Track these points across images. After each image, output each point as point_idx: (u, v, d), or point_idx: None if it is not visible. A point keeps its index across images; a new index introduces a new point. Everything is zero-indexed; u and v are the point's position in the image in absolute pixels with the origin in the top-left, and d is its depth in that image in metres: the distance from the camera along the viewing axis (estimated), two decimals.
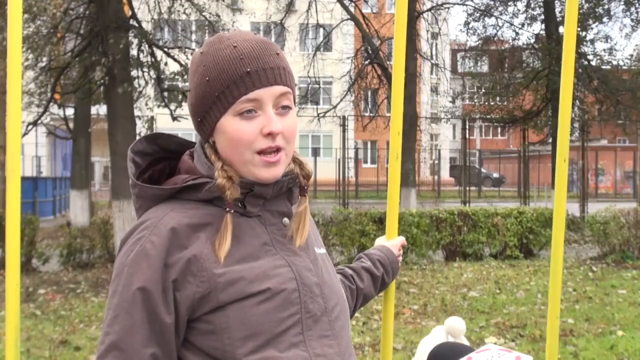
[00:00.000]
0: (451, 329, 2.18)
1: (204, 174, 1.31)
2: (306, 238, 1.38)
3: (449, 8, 19.71)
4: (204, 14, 12.46)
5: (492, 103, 21.23)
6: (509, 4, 19.68)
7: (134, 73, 10.89)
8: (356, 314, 6.67)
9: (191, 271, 1.22)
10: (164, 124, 14.29)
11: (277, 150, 1.28)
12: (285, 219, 1.35)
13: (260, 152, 1.27)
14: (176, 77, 12.11)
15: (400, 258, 1.87)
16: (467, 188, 20.77)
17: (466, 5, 19.45)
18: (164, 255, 1.22)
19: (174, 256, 1.22)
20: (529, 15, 19.54)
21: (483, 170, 37.34)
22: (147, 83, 11.77)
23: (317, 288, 1.32)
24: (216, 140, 1.31)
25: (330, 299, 1.34)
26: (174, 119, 11.53)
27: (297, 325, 1.26)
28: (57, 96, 12.86)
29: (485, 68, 22.27)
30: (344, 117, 19.35)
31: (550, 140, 18.35)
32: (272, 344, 1.23)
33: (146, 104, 12.65)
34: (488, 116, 21.51)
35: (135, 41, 10.73)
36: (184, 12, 12.50)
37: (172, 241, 1.23)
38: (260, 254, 1.29)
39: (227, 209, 1.27)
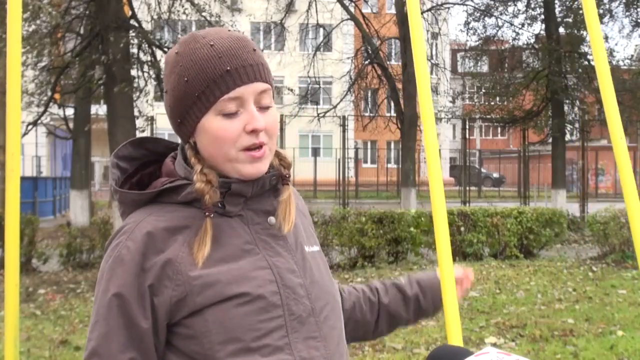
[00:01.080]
0: None
1: (182, 176, 1.30)
2: (296, 236, 1.37)
3: (449, 8, 19.73)
4: (203, 14, 12.46)
5: (492, 103, 21.25)
6: (509, 4, 19.69)
7: (133, 72, 10.89)
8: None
9: (167, 275, 1.21)
10: (164, 124, 14.25)
11: (261, 145, 1.27)
12: (271, 218, 1.33)
13: (245, 149, 1.26)
14: None
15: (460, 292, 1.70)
16: (467, 188, 20.76)
17: (466, 5, 19.47)
18: (140, 260, 1.22)
19: (150, 260, 1.22)
20: (529, 15, 19.56)
21: (483, 170, 37.34)
22: (146, 83, 11.78)
23: (302, 289, 1.30)
24: (197, 140, 1.29)
25: (319, 299, 1.32)
26: None
27: (281, 329, 1.24)
28: (57, 96, 12.86)
29: (485, 68, 22.28)
30: (344, 117, 19.36)
31: (550, 140, 18.36)
32: (255, 349, 1.21)
33: (147, 101, 12.64)
34: (488, 116, 21.52)
35: (135, 41, 10.74)
36: (184, 13, 12.51)
37: (148, 245, 1.22)
38: (241, 254, 1.27)
39: (207, 214, 1.25)
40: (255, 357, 1.21)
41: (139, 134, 10.84)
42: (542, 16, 18.38)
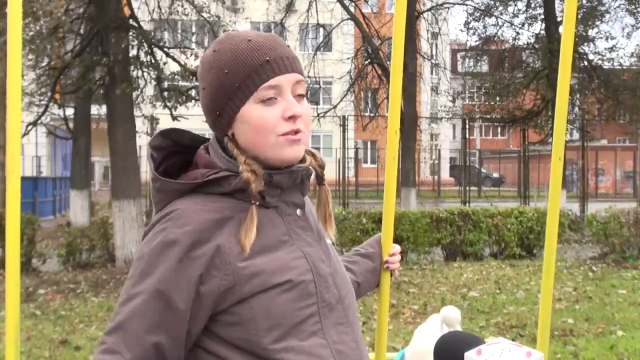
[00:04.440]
0: (446, 317, 2.20)
1: (223, 167, 1.34)
2: (318, 228, 1.43)
3: (449, 8, 19.71)
4: (203, 14, 12.46)
5: (492, 103, 21.24)
6: (509, 3, 19.69)
7: (133, 73, 10.89)
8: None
9: (215, 265, 1.26)
10: (164, 124, 14.25)
11: (298, 131, 1.33)
12: (299, 210, 1.39)
13: (284, 134, 1.32)
14: (176, 77, 12.12)
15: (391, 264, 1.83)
16: (467, 188, 20.76)
17: (466, 5, 19.46)
18: (186, 248, 1.25)
19: (197, 250, 1.25)
20: (529, 15, 19.55)
21: (483, 170, 37.31)
22: (146, 83, 11.78)
23: (331, 278, 1.37)
24: (237, 131, 1.34)
25: (343, 288, 1.40)
26: (174, 118, 11.54)
27: (315, 315, 1.31)
28: (57, 96, 12.86)
29: (485, 68, 22.28)
30: (344, 117, 19.35)
31: (550, 140, 18.34)
32: (293, 334, 1.27)
33: (150, 102, 12.64)
34: (488, 116, 21.51)
35: (135, 41, 10.73)
36: (183, 13, 12.51)
37: (194, 234, 1.26)
38: (279, 245, 1.33)
39: (253, 202, 1.30)
40: (295, 341, 1.27)
41: (138, 135, 10.85)
42: (542, 16, 18.38)
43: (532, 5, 19.38)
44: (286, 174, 1.34)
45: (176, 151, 1.43)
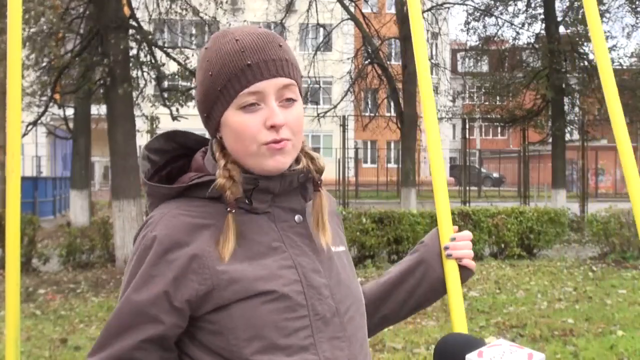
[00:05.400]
0: None
1: (211, 172, 1.30)
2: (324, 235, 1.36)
3: (449, 8, 19.70)
4: (200, 15, 12.47)
5: (492, 103, 21.24)
6: (509, 3, 19.67)
7: (133, 73, 10.90)
8: None
9: (193, 269, 1.22)
10: (165, 124, 14.27)
11: (281, 140, 1.26)
12: (298, 216, 1.33)
13: (265, 144, 1.26)
14: (176, 77, 12.13)
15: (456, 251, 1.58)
16: (467, 188, 20.76)
17: (466, 5, 19.45)
18: (161, 252, 1.22)
19: (173, 253, 1.22)
20: (529, 15, 19.55)
21: (483, 170, 37.31)
22: (147, 83, 11.78)
23: (327, 289, 1.29)
24: (223, 135, 1.30)
25: (345, 300, 1.32)
26: (174, 118, 11.55)
27: (306, 328, 1.24)
28: (57, 96, 12.87)
29: (485, 68, 22.27)
30: (344, 117, 19.35)
31: (550, 140, 18.36)
32: (280, 348, 1.21)
33: (150, 101, 12.64)
34: (488, 116, 21.51)
35: (135, 42, 10.74)
36: (181, 14, 12.52)
37: (170, 238, 1.23)
38: (268, 252, 1.27)
39: (229, 209, 1.25)
40: (281, 356, 1.21)
41: (138, 135, 10.85)
42: (543, 16, 18.38)
43: (532, 5, 19.37)
44: (277, 179, 1.28)
45: (182, 154, 1.40)
